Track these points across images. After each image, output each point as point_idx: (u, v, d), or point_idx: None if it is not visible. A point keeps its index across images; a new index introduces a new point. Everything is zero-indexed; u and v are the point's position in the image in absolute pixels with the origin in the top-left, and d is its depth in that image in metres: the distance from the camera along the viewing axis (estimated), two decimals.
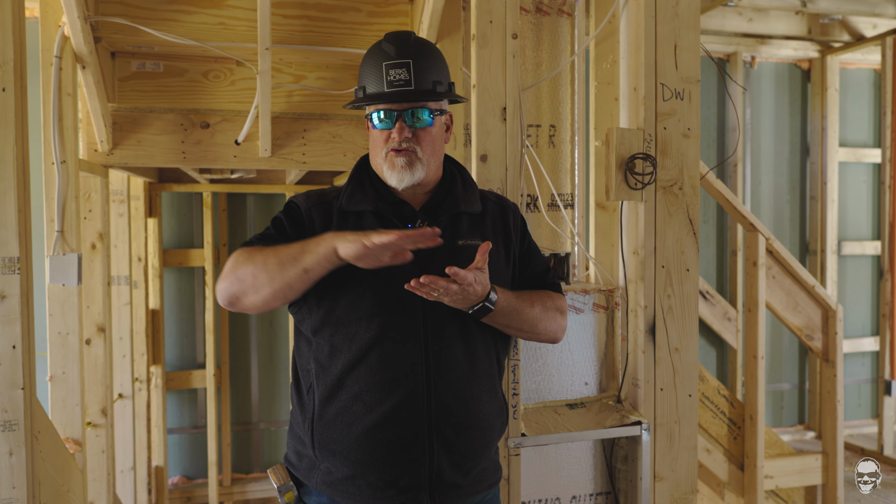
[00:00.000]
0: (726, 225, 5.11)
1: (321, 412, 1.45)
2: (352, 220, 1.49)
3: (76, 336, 2.23)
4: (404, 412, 1.41)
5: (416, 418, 1.42)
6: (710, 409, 3.46)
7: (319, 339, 1.46)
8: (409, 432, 1.42)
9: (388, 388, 1.41)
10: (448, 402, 1.44)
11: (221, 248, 4.58)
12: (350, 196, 1.50)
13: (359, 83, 1.53)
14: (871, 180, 5.41)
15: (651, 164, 1.98)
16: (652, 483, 2.00)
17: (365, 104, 1.50)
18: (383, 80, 1.46)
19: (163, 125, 2.75)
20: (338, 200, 1.51)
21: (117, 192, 3.48)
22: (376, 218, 1.49)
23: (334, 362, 1.44)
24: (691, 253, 2.04)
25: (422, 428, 1.42)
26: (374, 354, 1.42)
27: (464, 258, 1.46)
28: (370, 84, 1.48)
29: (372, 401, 1.41)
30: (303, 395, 1.50)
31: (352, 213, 1.49)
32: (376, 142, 1.50)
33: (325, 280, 1.39)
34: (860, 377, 5.42)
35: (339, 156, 2.91)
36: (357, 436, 1.42)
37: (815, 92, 5.17)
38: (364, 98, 1.49)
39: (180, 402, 4.64)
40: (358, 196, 1.50)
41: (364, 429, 1.41)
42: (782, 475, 3.53)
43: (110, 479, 2.61)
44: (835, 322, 3.59)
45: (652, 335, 2.00)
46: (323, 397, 1.45)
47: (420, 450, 1.42)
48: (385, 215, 1.49)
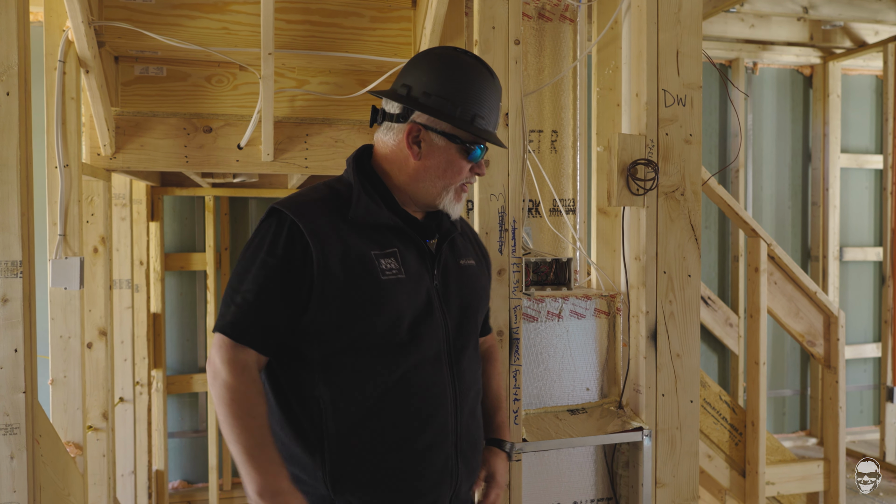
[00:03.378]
0: (728, 230, 5.11)
1: (344, 443, 1.33)
2: (367, 234, 1.36)
3: (78, 340, 2.24)
4: (440, 436, 1.38)
5: (447, 441, 1.40)
6: (711, 414, 3.45)
7: (340, 362, 1.33)
8: (442, 457, 1.39)
9: (426, 414, 1.37)
10: (467, 421, 1.44)
11: (223, 251, 4.59)
12: (366, 208, 1.36)
13: (461, 103, 1.36)
14: (873, 186, 5.41)
15: (653, 169, 1.99)
16: (653, 489, 2.00)
17: (476, 134, 1.37)
18: (496, 117, 1.42)
19: (166, 129, 2.75)
20: (347, 210, 1.36)
21: (120, 195, 3.48)
22: (395, 234, 1.38)
23: (365, 388, 1.33)
24: (693, 258, 2.03)
25: (451, 451, 1.41)
26: (411, 378, 1.35)
27: (466, 277, 1.48)
28: (485, 117, 1.39)
29: (410, 427, 1.35)
30: (303, 426, 1.34)
31: (367, 226, 1.36)
32: (459, 171, 1.39)
33: (351, 301, 1.31)
34: (862, 383, 5.41)
35: (341, 160, 2.92)
36: (394, 465, 1.34)
37: (817, 98, 5.17)
38: (481, 131, 1.37)
39: (181, 406, 4.64)
40: (371, 208, 1.37)
41: (402, 457, 1.35)
42: (784, 482, 3.52)
43: (111, 483, 2.60)
44: (836, 328, 3.58)
45: (653, 341, 2.00)
46: (349, 426, 1.33)
47: (449, 472, 1.41)
48: (405, 232, 1.39)
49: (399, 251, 1.37)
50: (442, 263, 1.44)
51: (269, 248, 1.31)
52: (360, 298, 1.31)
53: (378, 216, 1.36)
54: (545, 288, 2.16)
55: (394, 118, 1.39)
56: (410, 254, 1.39)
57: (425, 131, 1.37)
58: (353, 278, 1.31)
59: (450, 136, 1.36)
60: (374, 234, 1.36)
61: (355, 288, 1.31)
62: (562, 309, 2.10)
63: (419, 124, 1.37)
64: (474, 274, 1.51)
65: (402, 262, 1.36)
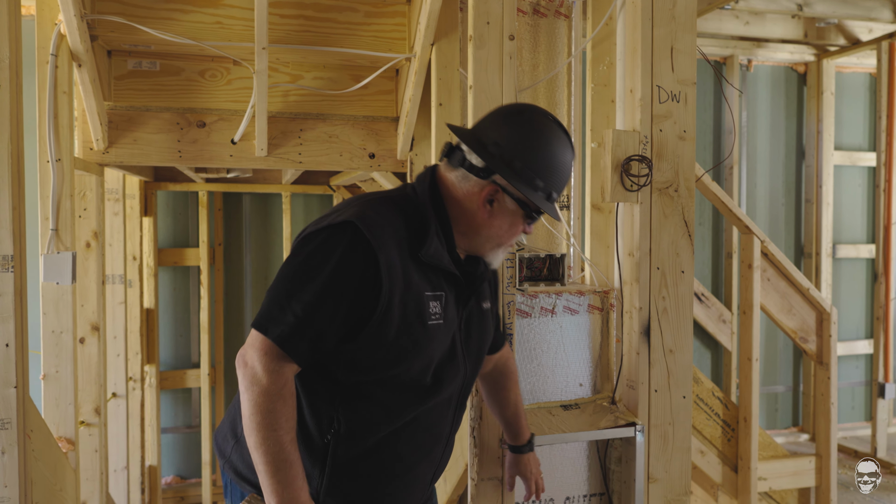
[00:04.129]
0: (722, 227, 5.13)
1: (351, 466, 1.36)
2: (426, 271, 1.36)
3: (70, 335, 2.23)
4: (429, 468, 1.49)
5: (432, 469, 1.50)
6: (704, 410, 3.47)
7: (367, 392, 1.35)
8: (425, 482, 1.50)
9: (426, 450, 1.45)
10: (449, 452, 1.55)
11: (217, 247, 4.58)
12: (436, 251, 1.36)
13: (545, 178, 1.37)
14: (866, 183, 5.43)
15: (647, 166, 1.99)
16: (646, 484, 2.01)
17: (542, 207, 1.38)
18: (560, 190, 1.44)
19: (159, 124, 2.74)
20: (416, 245, 1.34)
21: (113, 190, 3.47)
22: (446, 277, 1.40)
23: (384, 420, 1.36)
24: (686, 255, 2.04)
25: (431, 476, 1.52)
26: (423, 417, 1.41)
27: (485, 321, 1.53)
28: (556, 188, 1.41)
29: (411, 460, 1.43)
30: (311, 434, 1.35)
31: (430, 266, 1.37)
32: (516, 231, 1.42)
33: (399, 343, 1.31)
34: (854, 380, 5.44)
35: (335, 156, 2.91)
36: (389, 491, 1.42)
37: (811, 95, 5.19)
38: (547, 206, 1.39)
39: (174, 402, 4.63)
40: (439, 251, 1.37)
41: (398, 485, 1.43)
42: (776, 477, 3.54)
43: (103, 478, 2.60)
44: (829, 324, 3.60)
45: (647, 337, 2.00)
46: (358, 452, 1.36)
47: (424, 492, 1.52)
48: (455, 277, 1.41)
49: (445, 295, 1.39)
50: (469, 307, 1.48)
51: (339, 265, 1.26)
52: (406, 342, 1.32)
53: (441, 260, 1.36)
54: (539, 284, 2.16)
55: (475, 171, 1.37)
56: (451, 298, 1.42)
57: (501, 193, 1.38)
58: (406, 321, 1.31)
59: (522, 203, 1.38)
60: (431, 274, 1.37)
61: (406, 331, 1.31)
62: (555, 305, 2.11)
63: (499, 185, 1.37)
64: (488, 316, 1.55)
65: (444, 305, 1.38)
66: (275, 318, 1.24)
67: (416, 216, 1.37)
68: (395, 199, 1.40)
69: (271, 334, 1.23)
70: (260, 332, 1.25)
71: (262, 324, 1.25)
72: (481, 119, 1.46)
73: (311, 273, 1.26)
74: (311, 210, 4.79)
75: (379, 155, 2.95)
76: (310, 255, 1.28)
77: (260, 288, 4.75)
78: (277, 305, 1.25)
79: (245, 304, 4.72)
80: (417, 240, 1.34)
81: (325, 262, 1.26)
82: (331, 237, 1.28)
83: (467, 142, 1.38)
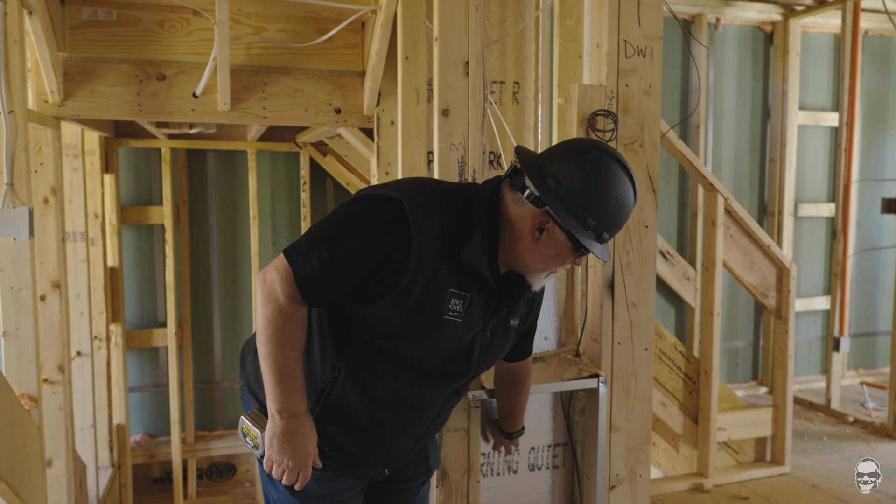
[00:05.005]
0: (688, 187, 5.19)
1: (337, 413, 1.48)
2: (458, 269, 1.39)
3: (29, 291, 2.18)
4: (411, 440, 1.58)
5: (413, 439, 1.59)
6: (667, 364, 3.55)
7: (373, 358, 1.44)
8: (404, 448, 1.59)
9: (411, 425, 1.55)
10: (436, 427, 1.64)
11: (181, 205, 4.51)
12: (476, 255, 1.38)
13: (598, 218, 1.38)
14: (828, 143, 5.52)
15: (612, 121, 1.99)
16: (608, 434, 2.06)
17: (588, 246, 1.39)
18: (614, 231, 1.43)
19: (117, 76, 2.66)
20: (459, 243, 1.38)
21: (71, 146, 3.37)
22: (477, 282, 1.42)
23: (378, 389, 1.47)
24: (650, 210, 2.06)
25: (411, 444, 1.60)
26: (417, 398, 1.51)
27: (508, 335, 1.59)
28: (610, 234, 1.42)
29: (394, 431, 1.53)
30: (316, 371, 1.47)
31: (465, 266, 1.39)
32: (561, 261, 1.43)
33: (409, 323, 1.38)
34: (811, 335, 5.61)
35: (300, 111, 2.86)
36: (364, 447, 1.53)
37: (777, 55, 5.22)
38: (593, 244, 1.40)
39: (141, 361, 4.60)
40: (479, 257, 1.39)
41: (375, 446, 1.53)
42: (734, 427, 3.67)
43: (69, 436, 2.58)
44: (788, 280, 3.69)
45: (611, 290, 2.03)
46: (348, 406, 1.47)
47: (401, 455, 1.61)
48: (488, 285, 1.44)
49: (471, 298, 1.42)
50: (499, 319, 1.52)
51: (374, 235, 1.34)
52: (415, 326, 1.39)
53: (479, 265, 1.39)
54: None
55: (531, 198, 1.39)
56: (478, 303, 1.45)
57: (552, 223, 1.39)
58: (421, 306, 1.37)
59: (572, 236, 1.39)
60: (462, 273, 1.40)
61: (419, 315, 1.38)
62: None
63: (550, 216, 1.39)
64: (513, 332, 1.61)
65: (467, 307, 1.42)
66: (303, 254, 1.34)
67: (467, 216, 1.40)
68: (455, 193, 1.44)
69: (295, 267, 1.33)
70: (287, 259, 1.34)
71: (291, 253, 1.35)
72: (551, 147, 1.48)
73: (349, 231, 1.35)
74: (277, 168, 4.72)
75: (345, 110, 2.91)
76: (354, 214, 1.37)
77: (227, 247, 4.70)
78: (309, 244, 1.35)
79: (212, 262, 4.68)
80: (461, 238, 1.38)
81: (364, 227, 1.35)
82: (378, 206, 1.36)
83: (527, 170, 1.40)
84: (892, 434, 4.28)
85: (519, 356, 1.78)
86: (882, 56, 5.56)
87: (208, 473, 4.70)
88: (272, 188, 4.73)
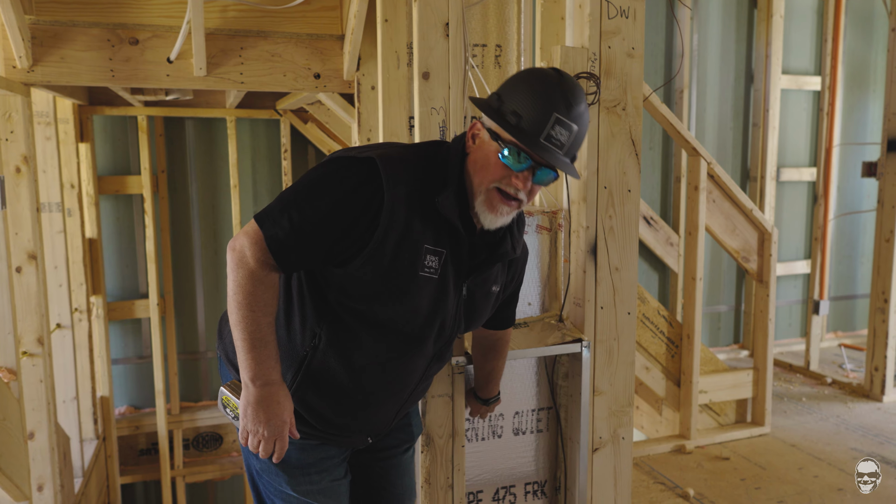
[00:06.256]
0: (671, 152, 5.18)
1: (318, 381, 1.46)
2: (433, 222, 1.37)
3: (4, 263, 2.15)
4: (394, 406, 1.57)
5: (396, 405, 1.58)
6: (650, 328, 3.58)
7: (351, 324, 1.42)
8: (387, 415, 1.58)
9: (394, 391, 1.53)
10: (419, 393, 1.63)
11: (160, 174, 4.43)
12: (450, 206, 1.36)
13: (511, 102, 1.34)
14: (811, 108, 5.52)
15: (595, 83, 1.96)
16: (591, 397, 2.07)
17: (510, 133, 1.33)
18: (545, 128, 1.32)
19: (88, 41, 2.58)
20: (433, 193, 1.36)
21: (42, 113, 3.29)
22: (452, 235, 1.40)
23: (359, 355, 1.45)
24: (633, 174, 2.05)
25: (394, 410, 1.59)
26: (399, 364, 1.49)
27: (488, 299, 1.57)
28: (529, 122, 1.32)
29: (376, 397, 1.51)
30: (296, 340, 1.45)
31: (439, 222, 1.38)
32: (491, 169, 1.36)
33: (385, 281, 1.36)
34: (792, 299, 5.67)
35: (279, 76, 2.80)
36: (346, 414, 1.51)
37: (761, 18, 5.18)
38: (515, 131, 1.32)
39: (124, 333, 4.57)
40: (453, 207, 1.36)
41: (357, 413, 1.52)
42: (716, 390, 3.71)
43: (51, 408, 2.56)
44: (770, 244, 3.72)
45: (593, 255, 2.03)
46: (329, 373, 1.45)
47: (384, 422, 1.60)
48: (462, 238, 1.41)
49: (447, 253, 1.40)
50: (479, 279, 1.51)
51: (347, 193, 1.32)
52: (391, 285, 1.36)
53: (451, 215, 1.37)
54: None
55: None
56: (455, 259, 1.43)
57: (480, 125, 1.39)
58: (397, 263, 1.35)
59: (493, 133, 1.36)
60: (437, 226, 1.38)
61: (395, 272, 1.35)
62: None
63: (480, 121, 1.40)
64: (493, 298, 1.60)
65: (443, 263, 1.40)
66: (274, 217, 1.31)
67: (440, 171, 1.39)
68: (426, 150, 1.43)
69: (266, 230, 1.31)
70: (257, 223, 1.32)
71: (261, 217, 1.32)
72: None
73: (320, 191, 1.32)
74: (257, 136, 4.65)
75: (324, 75, 2.85)
76: (325, 175, 1.34)
77: (208, 218, 4.65)
78: (280, 207, 1.32)
79: (193, 232, 4.62)
80: (435, 191, 1.37)
81: (336, 186, 1.32)
82: (350, 166, 1.34)
83: (477, 101, 1.41)
84: (868, 394, 4.36)
85: (501, 325, 1.77)
86: (865, 19, 5.53)
87: (195, 444, 4.71)
88: (252, 156, 4.67)
